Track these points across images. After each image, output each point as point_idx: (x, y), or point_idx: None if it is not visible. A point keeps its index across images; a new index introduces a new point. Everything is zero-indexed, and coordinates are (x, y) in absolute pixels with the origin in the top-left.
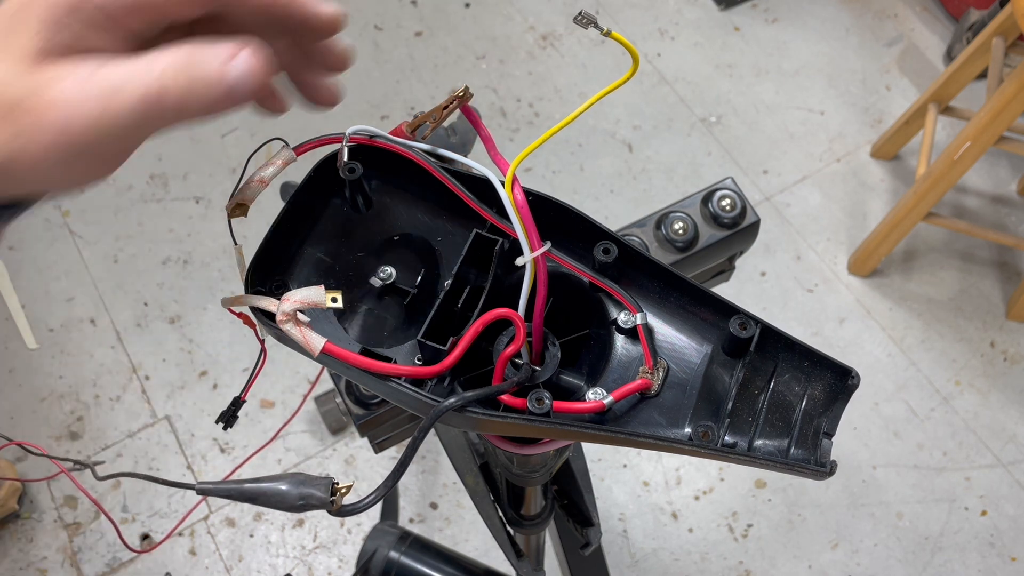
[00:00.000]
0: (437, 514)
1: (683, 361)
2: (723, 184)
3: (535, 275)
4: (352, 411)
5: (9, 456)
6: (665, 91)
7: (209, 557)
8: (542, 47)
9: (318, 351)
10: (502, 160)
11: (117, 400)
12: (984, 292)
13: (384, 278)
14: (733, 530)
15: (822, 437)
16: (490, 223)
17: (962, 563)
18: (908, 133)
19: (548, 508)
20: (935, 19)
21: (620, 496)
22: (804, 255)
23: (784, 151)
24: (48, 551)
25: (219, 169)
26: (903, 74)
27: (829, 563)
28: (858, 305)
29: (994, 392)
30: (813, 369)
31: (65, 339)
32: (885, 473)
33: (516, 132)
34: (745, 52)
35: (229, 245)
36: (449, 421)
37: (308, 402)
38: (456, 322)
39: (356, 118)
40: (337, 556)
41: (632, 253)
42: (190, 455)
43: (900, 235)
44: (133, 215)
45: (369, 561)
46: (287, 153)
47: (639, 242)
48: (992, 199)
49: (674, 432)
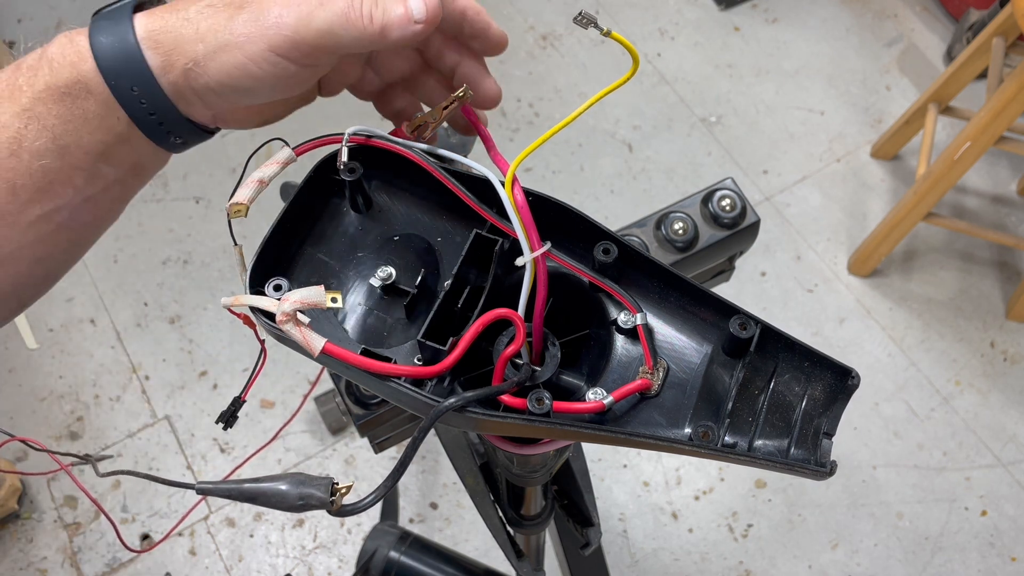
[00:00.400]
0: (437, 514)
1: (683, 361)
2: (723, 184)
3: (535, 275)
4: (352, 411)
5: (9, 455)
6: (665, 91)
7: (209, 557)
8: (542, 47)
9: (318, 351)
10: (502, 160)
11: (117, 400)
12: (984, 292)
13: (384, 278)
14: (733, 530)
15: (822, 437)
16: (490, 223)
17: (962, 563)
18: (908, 133)
19: (548, 508)
20: (935, 19)
21: (620, 496)
22: (804, 255)
23: (784, 151)
24: (48, 551)
25: (219, 169)
26: (903, 74)
27: (829, 563)
28: (858, 305)
29: (994, 392)
30: (813, 369)
31: (65, 339)
32: (885, 473)
33: (516, 132)
34: (745, 52)
35: (229, 245)
36: (449, 421)
37: (308, 402)
38: (456, 322)
39: (356, 118)
40: (337, 556)
41: (632, 253)
42: (190, 455)
43: (900, 235)
44: (133, 215)
45: (369, 561)
46: (287, 153)
47: (639, 242)
48: (992, 199)
49: (674, 432)
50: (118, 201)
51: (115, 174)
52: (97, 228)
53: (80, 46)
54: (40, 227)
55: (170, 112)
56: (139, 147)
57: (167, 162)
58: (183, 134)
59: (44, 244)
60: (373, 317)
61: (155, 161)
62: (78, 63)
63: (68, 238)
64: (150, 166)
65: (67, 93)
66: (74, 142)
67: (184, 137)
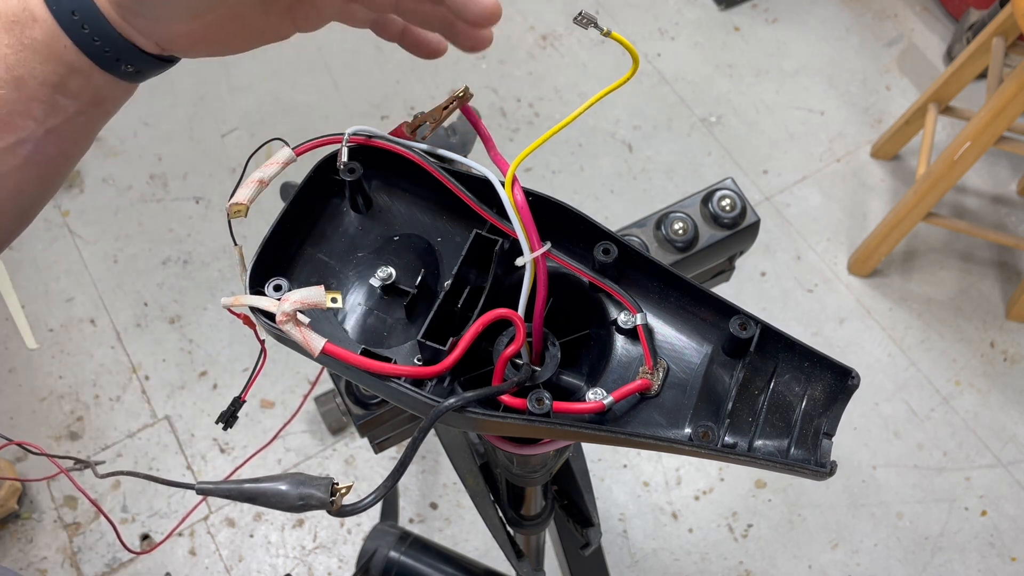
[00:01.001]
0: (437, 514)
1: (683, 361)
2: (723, 184)
3: (535, 275)
4: (352, 411)
5: (9, 456)
6: (665, 91)
7: (209, 557)
8: (542, 47)
9: (318, 351)
10: (502, 160)
11: (117, 400)
12: (984, 292)
13: (384, 278)
14: (733, 530)
15: (822, 437)
16: (490, 223)
17: (962, 563)
18: (908, 133)
19: (548, 508)
20: (935, 19)
21: (620, 496)
22: (804, 255)
23: (784, 151)
24: (48, 551)
25: (219, 169)
26: (903, 74)
27: (829, 563)
28: (858, 305)
29: (994, 392)
30: (813, 369)
31: (65, 339)
32: (885, 473)
33: (516, 132)
34: (745, 52)
35: (229, 245)
36: (449, 421)
37: (308, 402)
38: (456, 322)
39: (356, 118)
40: (337, 556)
41: (632, 253)
42: (190, 455)
43: (900, 235)
44: (133, 215)
45: (369, 561)
46: (287, 153)
47: (639, 242)
48: (992, 199)
49: (674, 432)
50: (83, 134)
51: (75, 106)
52: (66, 161)
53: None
54: (6, 160)
55: (113, 38)
56: (94, 78)
57: (131, 93)
58: (133, 62)
59: (13, 178)
60: (373, 317)
61: (116, 92)
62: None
63: (37, 173)
64: (111, 97)
65: (15, 22)
66: (28, 73)
67: (136, 65)
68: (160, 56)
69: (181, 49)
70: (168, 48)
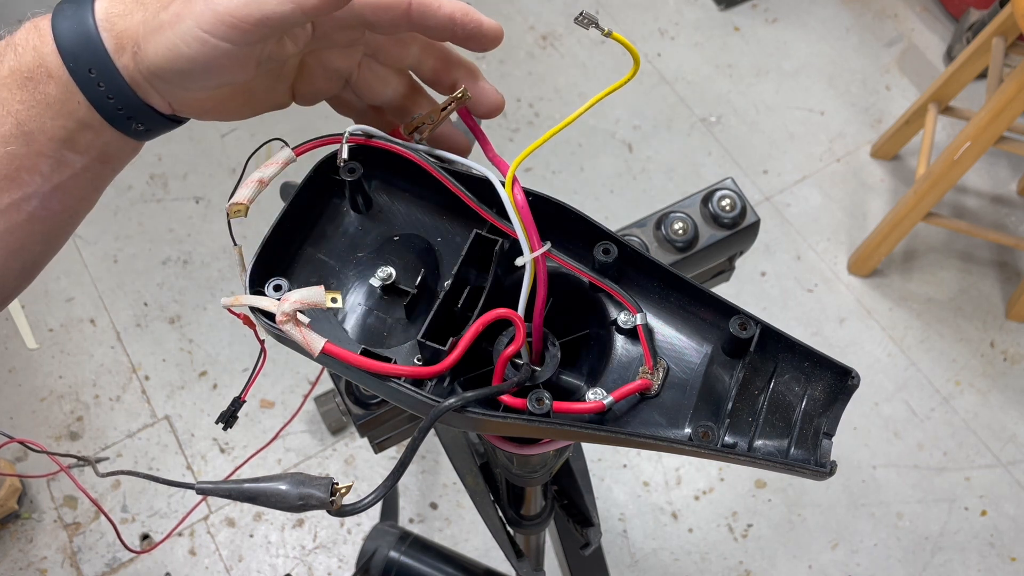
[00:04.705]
0: (437, 514)
1: (683, 361)
2: (723, 184)
3: (535, 275)
4: (352, 411)
5: (9, 456)
6: (665, 91)
7: (209, 557)
8: (542, 47)
9: (318, 351)
10: (500, 160)
11: (117, 400)
12: (984, 292)
13: (384, 278)
14: (733, 530)
15: (822, 437)
16: (490, 223)
17: (962, 563)
18: (908, 133)
19: (548, 508)
20: (935, 19)
21: (620, 496)
22: (804, 255)
23: (784, 151)
24: (48, 551)
25: (219, 169)
26: (903, 74)
27: (829, 563)
28: (858, 305)
29: (994, 392)
30: (813, 369)
31: (65, 339)
32: (885, 473)
33: (516, 132)
34: (745, 52)
35: (229, 245)
36: (449, 421)
37: (308, 402)
38: (456, 322)
39: None
40: (337, 556)
41: (632, 253)
42: (190, 455)
43: (900, 235)
44: (133, 215)
45: (369, 561)
46: (287, 153)
47: (639, 242)
48: (992, 199)
49: (674, 432)
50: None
51: (82, 162)
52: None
53: (43, 30)
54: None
55: (128, 97)
56: (103, 134)
57: (138, 151)
58: (145, 121)
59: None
60: (373, 317)
61: (123, 149)
62: (40, 47)
63: (41, 229)
64: (118, 155)
65: (30, 78)
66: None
67: (147, 124)
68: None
69: (194, 113)
70: (181, 111)
